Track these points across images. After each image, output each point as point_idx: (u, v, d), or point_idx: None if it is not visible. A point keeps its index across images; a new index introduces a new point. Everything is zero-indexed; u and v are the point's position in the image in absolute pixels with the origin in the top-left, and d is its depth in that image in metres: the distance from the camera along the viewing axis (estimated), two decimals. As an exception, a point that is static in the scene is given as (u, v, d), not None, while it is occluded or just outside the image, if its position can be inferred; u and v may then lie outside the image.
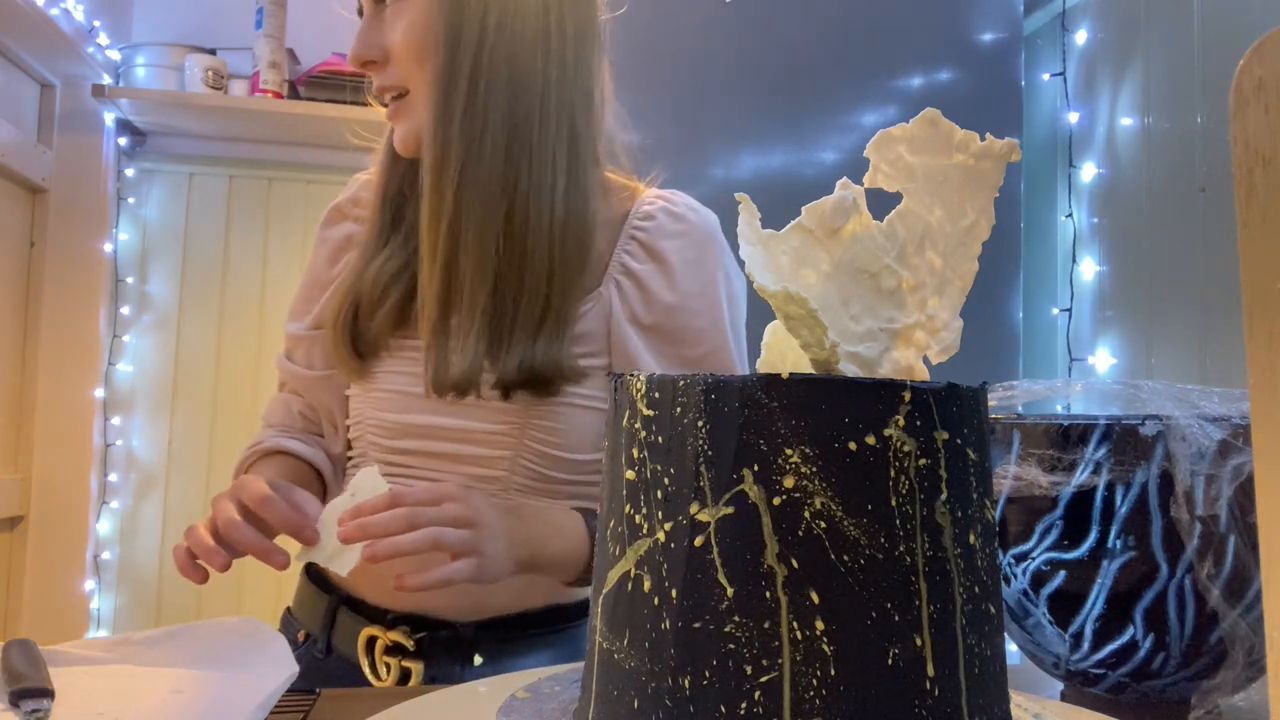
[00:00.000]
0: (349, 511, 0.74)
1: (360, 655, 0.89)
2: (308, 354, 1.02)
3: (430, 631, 0.89)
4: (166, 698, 0.59)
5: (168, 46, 2.26)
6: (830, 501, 0.40)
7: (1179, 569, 0.62)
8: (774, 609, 0.40)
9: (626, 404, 0.45)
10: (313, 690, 0.68)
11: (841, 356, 0.46)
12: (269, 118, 2.25)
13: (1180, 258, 1.82)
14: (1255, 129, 0.35)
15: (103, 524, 2.30)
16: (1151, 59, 1.92)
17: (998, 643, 0.45)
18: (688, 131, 1.93)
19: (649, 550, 0.43)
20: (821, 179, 1.86)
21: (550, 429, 0.91)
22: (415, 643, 0.88)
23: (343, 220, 1.02)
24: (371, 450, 0.95)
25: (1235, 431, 0.61)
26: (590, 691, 0.46)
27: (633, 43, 1.26)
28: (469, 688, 0.59)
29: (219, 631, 0.71)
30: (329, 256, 1.02)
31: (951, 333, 0.50)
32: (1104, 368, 2.02)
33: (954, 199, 0.50)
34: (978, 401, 0.45)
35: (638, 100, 1.00)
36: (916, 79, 2.04)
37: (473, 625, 0.90)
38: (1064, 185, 2.14)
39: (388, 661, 0.88)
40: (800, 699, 0.39)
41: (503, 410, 0.90)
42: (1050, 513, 0.65)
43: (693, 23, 1.94)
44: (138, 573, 2.34)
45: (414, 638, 0.88)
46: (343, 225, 1.02)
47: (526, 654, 0.92)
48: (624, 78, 0.99)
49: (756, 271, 0.46)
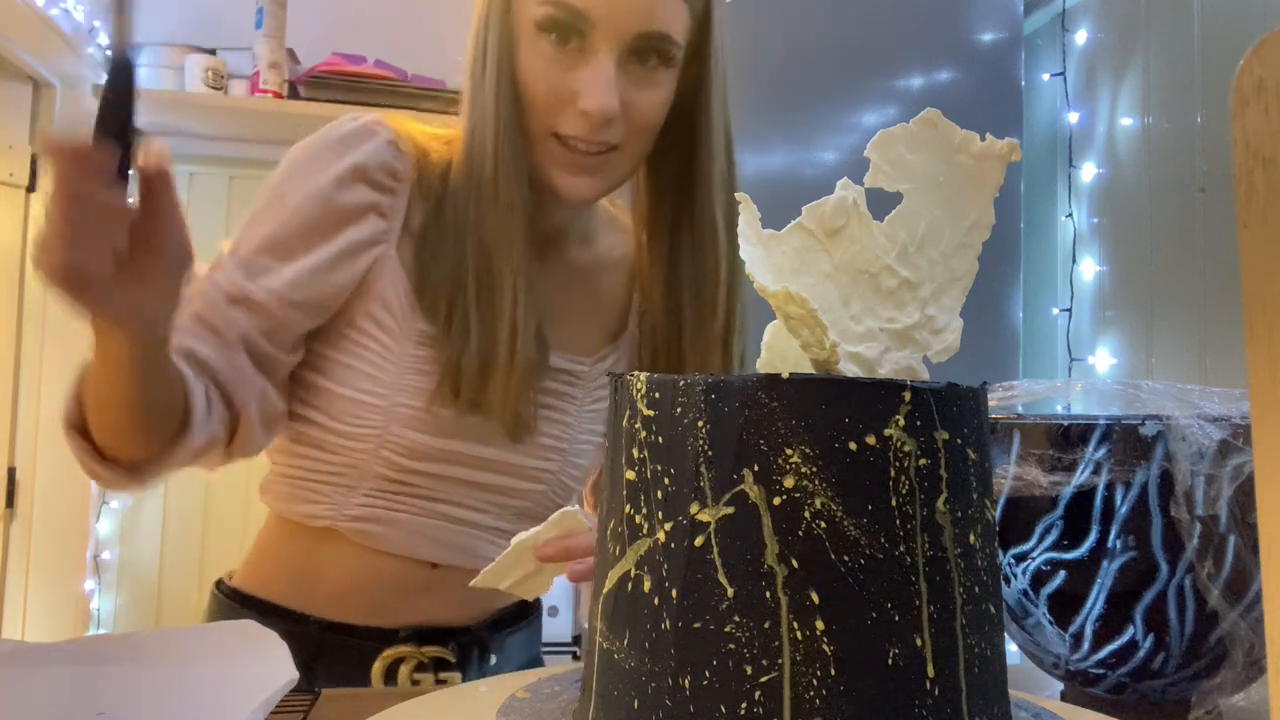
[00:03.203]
0: (555, 545, 0.73)
1: (377, 683, 0.86)
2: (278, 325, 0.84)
3: (455, 640, 0.90)
4: (167, 698, 0.59)
5: (167, 46, 2.26)
6: (830, 501, 0.40)
7: (1179, 569, 0.62)
8: (774, 609, 0.40)
9: (626, 404, 0.45)
10: (313, 690, 0.68)
11: (841, 356, 0.46)
12: (269, 118, 2.25)
13: (1180, 258, 1.82)
14: (1255, 129, 0.35)
15: (103, 524, 2.30)
16: (1151, 59, 1.92)
17: (998, 643, 0.45)
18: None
19: (649, 550, 0.43)
20: (821, 179, 1.86)
21: (581, 466, 0.96)
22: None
23: (361, 184, 0.85)
24: (378, 465, 0.86)
25: (1235, 431, 0.61)
26: (590, 691, 0.46)
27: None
28: (469, 687, 0.59)
29: (219, 633, 0.71)
30: (338, 220, 0.85)
31: (951, 333, 0.50)
32: (1104, 368, 2.02)
33: (954, 199, 0.50)
34: (978, 401, 0.45)
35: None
36: (916, 79, 2.04)
37: (483, 625, 0.93)
38: (1064, 185, 2.14)
39: (418, 679, 0.86)
40: (800, 699, 0.39)
41: (552, 449, 0.92)
42: (1050, 513, 0.65)
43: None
44: (138, 573, 2.34)
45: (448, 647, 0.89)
46: (360, 190, 0.85)
47: (521, 644, 0.98)
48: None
49: (756, 271, 0.46)
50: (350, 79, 2.24)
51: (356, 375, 0.86)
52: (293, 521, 0.90)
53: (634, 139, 0.85)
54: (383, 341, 0.86)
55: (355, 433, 0.86)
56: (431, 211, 0.87)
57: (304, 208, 0.84)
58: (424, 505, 0.88)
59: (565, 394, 0.93)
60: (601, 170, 0.85)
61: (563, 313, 0.93)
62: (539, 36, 0.81)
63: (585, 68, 0.80)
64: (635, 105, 0.83)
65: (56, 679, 0.61)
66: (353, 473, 0.87)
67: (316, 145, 0.86)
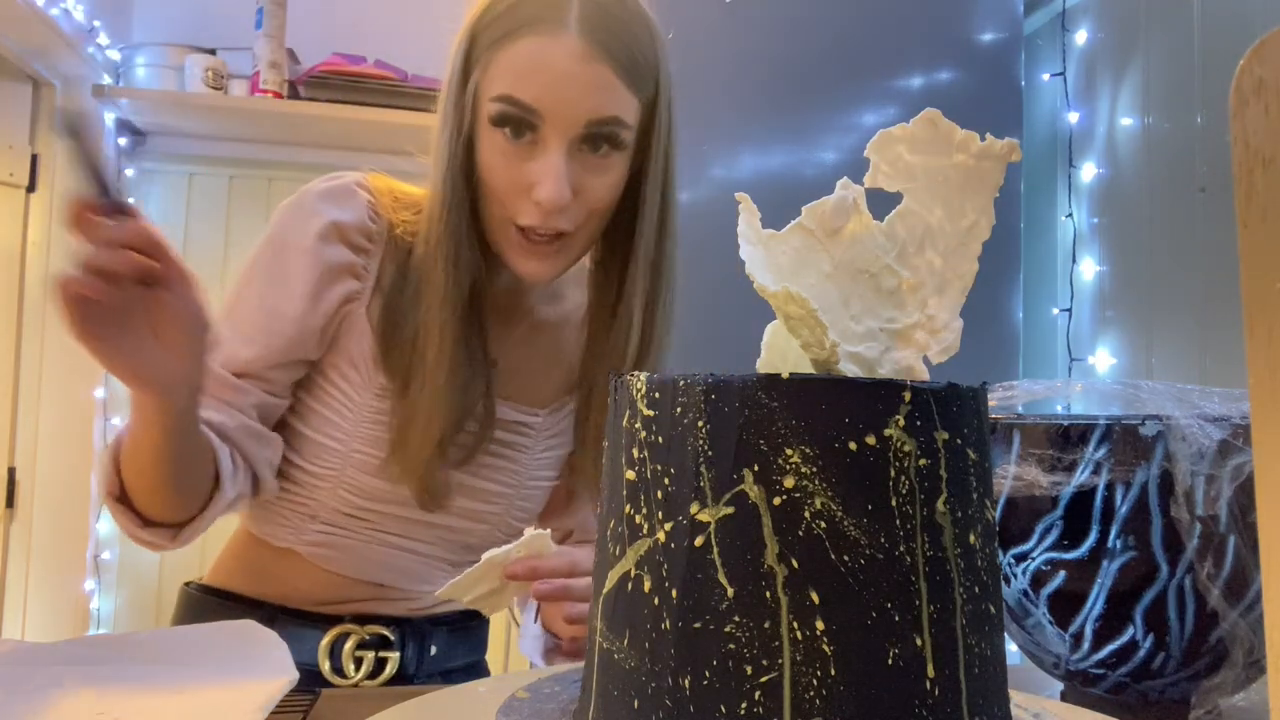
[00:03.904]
0: (524, 564, 0.79)
1: (321, 658, 0.93)
2: (276, 386, 0.90)
3: (396, 625, 0.97)
4: (167, 698, 0.59)
5: (168, 46, 2.26)
6: (830, 501, 0.40)
7: (1179, 569, 0.62)
8: (774, 609, 0.40)
9: (626, 404, 0.45)
10: (313, 690, 0.68)
11: (842, 356, 0.46)
12: (269, 118, 2.25)
13: (1180, 258, 1.82)
14: (1255, 129, 0.35)
15: (103, 524, 2.30)
16: (1151, 59, 1.92)
17: (998, 643, 0.45)
18: (688, 132, 1.92)
19: (649, 550, 0.43)
20: (821, 179, 1.86)
21: (527, 509, 1.03)
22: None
23: (340, 244, 0.90)
24: (335, 502, 0.93)
25: (1235, 431, 0.61)
26: (590, 691, 0.46)
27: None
28: (469, 688, 0.59)
29: (219, 633, 0.71)
30: (318, 279, 0.89)
31: (951, 333, 0.50)
32: (1104, 368, 2.02)
33: (954, 199, 0.50)
34: (978, 401, 0.45)
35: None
36: (916, 79, 2.04)
37: (425, 619, 1.00)
38: (1064, 185, 2.14)
39: (360, 655, 0.94)
40: (800, 699, 0.39)
41: (498, 495, 0.98)
42: (1050, 513, 0.65)
43: (693, 23, 1.94)
44: (138, 573, 2.34)
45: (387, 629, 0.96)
46: (338, 249, 0.90)
47: (461, 642, 1.04)
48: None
49: (757, 271, 0.46)
50: (350, 79, 2.24)
51: (321, 420, 0.93)
52: (257, 536, 0.99)
53: (587, 222, 0.88)
54: (346, 392, 0.92)
55: (317, 471, 0.93)
56: (399, 274, 0.92)
57: (300, 270, 0.89)
58: (375, 536, 0.96)
59: (516, 444, 0.99)
60: (557, 255, 0.89)
61: (523, 367, 0.99)
62: (494, 131, 0.85)
63: (538, 160, 0.84)
64: (588, 190, 0.86)
65: (56, 679, 0.61)
66: (313, 504, 0.94)
67: (299, 202, 0.92)
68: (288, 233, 0.90)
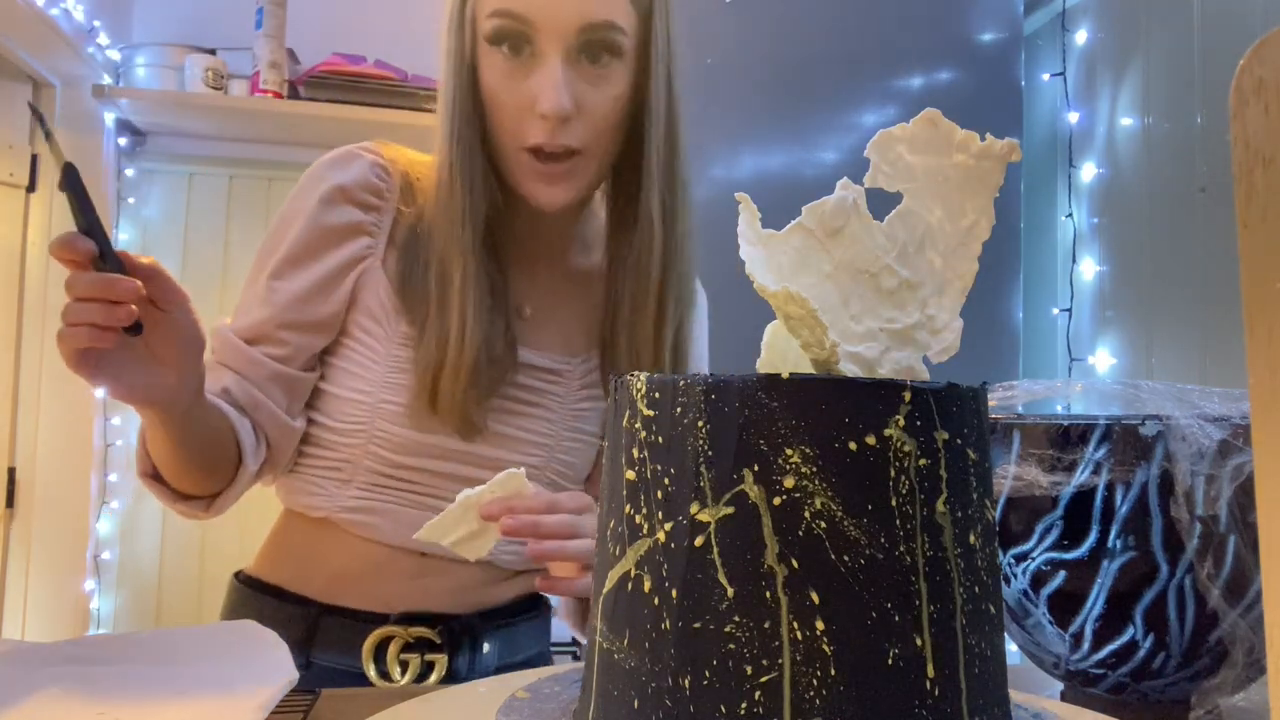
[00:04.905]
0: (499, 504, 0.75)
1: (366, 660, 0.91)
2: (288, 349, 0.92)
3: (445, 625, 0.94)
4: (167, 698, 0.59)
5: (168, 46, 2.26)
6: (830, 501, 0.40)
7: (1179, 569, 0.62)
8: (774, 609, 0.40)
9: (627, 404, 0.45)
10: (313, 690, 0.68)
11: (842, 356, 0.46)
12: (269, 118, 2.25)
13: (1180, 258, 1.82)
14: (1255, 129, 0.35)
15: (103, 524, 2.30)
16: (1151, 59, 1.92)
17: (998, 643, 0.45)
18: (688, 131, 1.93)
19: (649, 550, 0.43)
20: (821, 179, 1.86)
21: (569, 464, 1.00)
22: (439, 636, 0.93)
23: (345, 204, 0.93)
24: (368, 460, 0.93)
25: (1235, 431, 0.61)
26: (590, 691, 0.46)
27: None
28: (469, 688, 0.59)
29: (219, 633, 0.71)
30: (317, 240, 0.92)
31: (951, 333, 0.50)
32: (1104, 368, 2.02)
33: (954, 199, 0.50)
34: (978, 401, 0.45)
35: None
36: (916, 79, 2.04)
37: (477, 615, 0.97)
38: (1064, 185, 2.14)
39: (406, 659, 0.92)
40: (800, 699, 0.39)
41: (535, 444, 0.97)
42: (1050, 513, 0.65)
43: (693, 22, 1.94)
44: (138, 573, 2.34)
45: (435, 630, 0.93)
46: (345, 210, 0.93)
47: (525, 637, 1.01)
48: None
49: (757, 271, 0.46)
50: (350, 79, 2.24)
51: (347, 375, 0.94)
52: (296, 513, 0.98)
53: (595, 139, 0.89)
54: (369, 345, 0.93)
55: (346, 429, 0.93)
56: (413, 224, 0.94)
57: (296, 234, 0.92)
58: (412, 498, 0.94)
59: (547, 391, 0.98)
60: (569, 177, 0.89)
61: (552, 315, 0.99)
62: (493, 51, 0.87)
63: (537, 74, 0.86)
64: (591, 104, 0.87)
65: (56, 679, 0.61)
66: (347, 467, 0.94)
67: (303, 179, 0.95)
68: (293, 202, 0.94)
